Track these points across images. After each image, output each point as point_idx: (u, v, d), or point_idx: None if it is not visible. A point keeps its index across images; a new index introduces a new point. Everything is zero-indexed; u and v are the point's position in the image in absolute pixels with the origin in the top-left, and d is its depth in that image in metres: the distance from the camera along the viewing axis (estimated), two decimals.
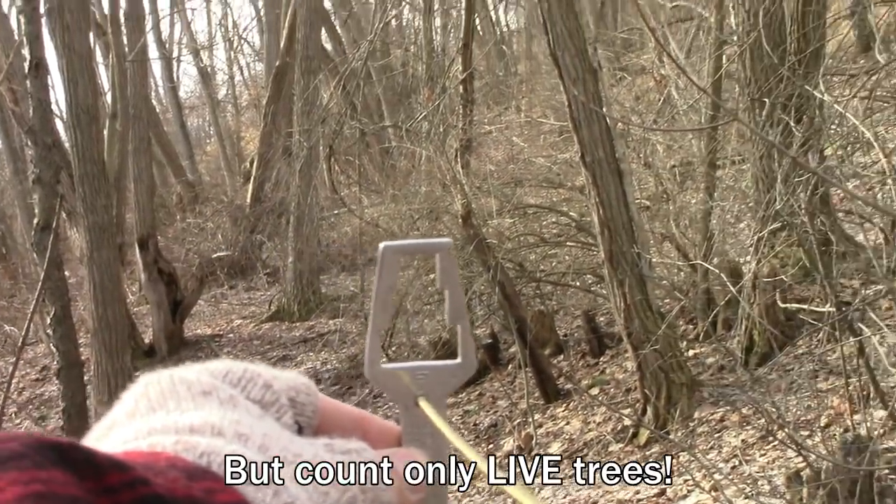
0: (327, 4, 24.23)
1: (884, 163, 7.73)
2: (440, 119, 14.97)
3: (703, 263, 8.88)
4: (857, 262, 8.60)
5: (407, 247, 0.82)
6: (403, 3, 25.94)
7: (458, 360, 0.80)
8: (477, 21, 22.66)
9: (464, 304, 0.82)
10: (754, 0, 9.18)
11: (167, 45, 38.33)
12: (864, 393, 6.20)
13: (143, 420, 0.58)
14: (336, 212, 21.20)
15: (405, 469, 0.64)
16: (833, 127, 8.71)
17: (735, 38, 9.89)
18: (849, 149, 8.98)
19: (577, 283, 12.33)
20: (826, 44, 10.33)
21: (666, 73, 13.25)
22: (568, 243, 12.73)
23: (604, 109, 8.63)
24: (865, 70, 9.48)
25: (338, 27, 27.04)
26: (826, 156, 8.66)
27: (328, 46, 25.05)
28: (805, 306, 8.17)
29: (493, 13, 29.53)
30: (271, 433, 0.59)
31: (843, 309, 6.24)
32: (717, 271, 8.54)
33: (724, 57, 10.40)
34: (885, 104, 9.62)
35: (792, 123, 7.98)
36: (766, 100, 8.50)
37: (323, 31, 22.10)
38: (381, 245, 0.78)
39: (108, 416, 0.60)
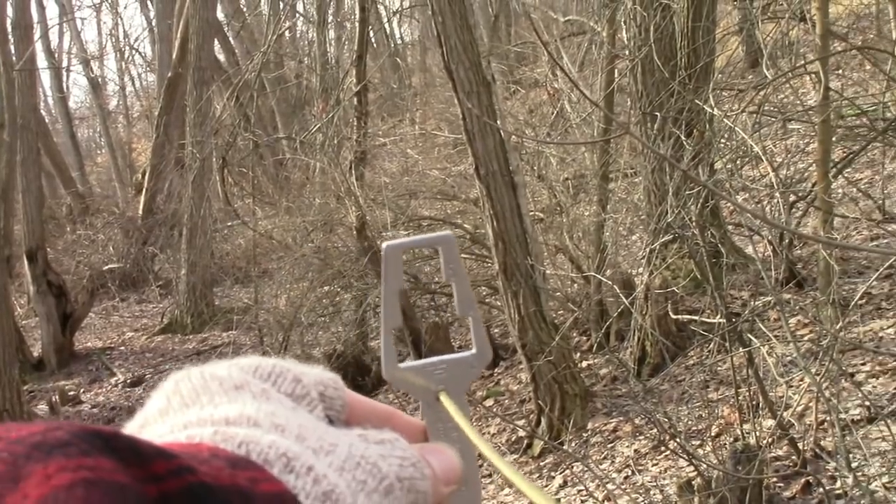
0: (220, 15, 24.02)
1: (772, 176, 7.89)
2: (334, 131, 14.93)
3: (597, 275, 8.96)
4: (747, 273, 8.75)
5: (409, 243, 0.82)
6: (297, 15, 25.88)
7: (473, 350, 0.80)
8: (371, 33, 22.66)
9: (472, 294, 0.82)
10: (645, 15, 9.31)
11: (56, 55, 37.59)
12: (754, 402, 6.30)
13: (176, 416, 0.58)
14: (230, 224, 21.01)
15: (438, 462, 0.65)
16: (723, 141, 8.86)
17: (627, 52, 10.02)
18: (738, 162, 9.13)
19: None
20: (715, 59, 10.52)
21: (559, 87, 13.38)
22: (462, 255, 12.74)
23: (498, 122, 8.66)
24: (754, 85, 9.64)
25: (231, 38, 26.84)
26: (716, 169, 8.80)
27: (221, 57, 24.87)
28: (696, 317, 8.28)
29: (387, 26, 29.60)
30: (307, 424, 0.58)
31: (733, 320, 6.34)
32: (609, 283, 8.63)
33: (616, 71, 10.52)
34: (773, 119, 9.80)
35: (683, 137, 8.10)
36: (658, 114, 8.61)
37: (216, 41, 21.93)
38: (384, 245, 0.78)
39: (140, 415, 0.60)
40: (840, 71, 11.85)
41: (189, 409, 0.59)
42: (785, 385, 6.53)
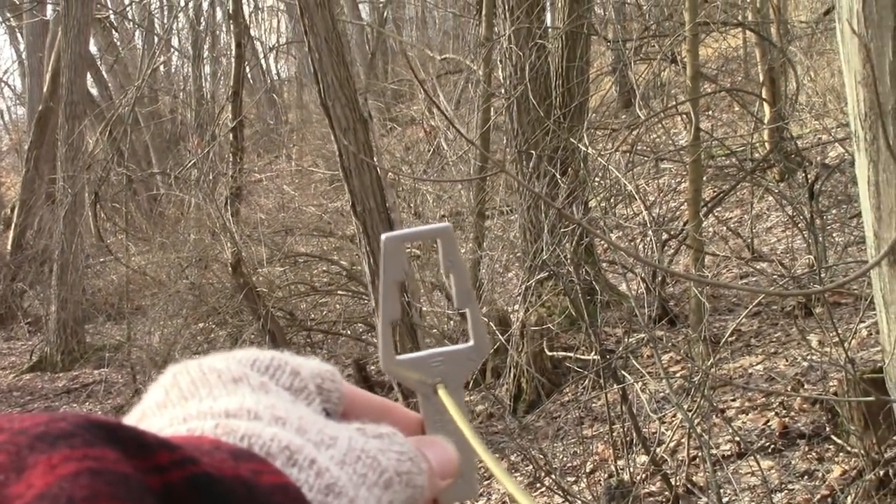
0: (93, 49, 23.60)
1: (645, 215, 8.00)
2: (210, 167, 14.80)
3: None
4: (621, 311, 8.85)
5: (408, 235, 0.81)
6: (172, 50, 25.60)
7: (471, 342, 0.80)
8: (247, 69, 22.51)
9: (471, 287, 0.82)
10: (521, 55, 9.40)
11: None
12: (627, 438, 6.35)
13: (175, 409, 0.58)
14: (102, 260, 20.60)
15: (434, 456, 0.65)
16: (597, 179, 8.97)
17: (503, 91, 10.10)
18: (612, 201, 9.26)
19: (348, 332, 12.30)
20: (589, 99, 10.67)
21: (436, 125, 13.45)
22: (339, 292, 12.70)
23: (374, 159, 8.66)
24: (627, 125, 9.83)
25: (104, 72, 26.40)
26: (590, 207, 8.90)
27: (94, 91, 24.43)
28: (571, 354, 8.34)
29: (263, 62, 29.41)
30: (307, 417, 0.58)
31: (607, 357, 6.39)
32: (485, 320, 8.64)
33: (492, 109, 10.60)
34: (646, 158, 9.97)
35: (558, 175, 8.18)
36: (533, 152, 8.70)
37: (89, 75, 21.53)
38: (384, 236, 0.78)
39: (137, 408, 0.60)
40: (710, 112, 12.13)
41: (188, 401, 0.58)
42: (658, 421, 6.60)
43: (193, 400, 0.58)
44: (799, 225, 8.89)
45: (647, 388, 7.10)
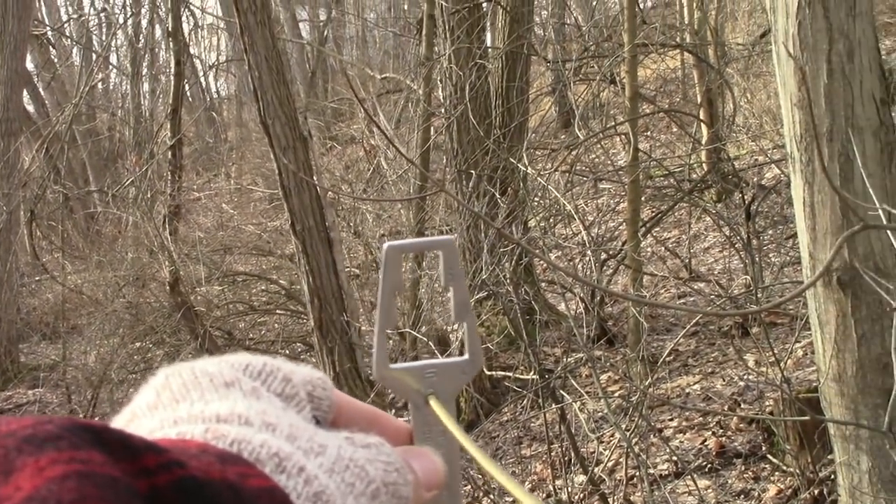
0: (30, 65, 23.34)
1: (584, 234, 8.03)
2: (148, 185, 14.69)
3: (412, 331, 8.95)
4: (560, 330, 8.87)
5: (410, 245, 0.82)
6: (110, 67, 25.38)
7: (466, 356, 0.80)
8: (186, 87, 22.39)
9: (469, 300, 0.82)
10: (461, 74, 9.42)
11: None
12: (566, 458, 6.35)
13: (166, 411, 0.58)
14: (37, 278, 20.33)
15: (421, 467, 0.65)
16: (536, 199, 9.00)
17: (443, 110, 10.11)
18: (551, 220, 9.29)
19: (287, 352, 12.22)
20: (529, 119, 10.71)
21: (375, 144, 13.43)
22: (277, 311, 12.63)
23: (314, 178, 8.62)
24: (566, 145, 9.87)
25: (41, 89, 26.11)
26: (530, 227, 8.92)
27: (30, 108, 24.13)
28: (510, 374, 8.33)
29: (203, 79, 29.28)
30: (297, 424, 0.58)
31: (546, 376, 6.39)
32: (425, 339, 8.62)
33: (432, 129, 10.60)
34: (585, 178, 10.02)
35: (497, 195, 8.19)
36: (473, 171, 8.70)
37: (25, 92, 21.28)
38: (385, 245, 0.78)
39: (128, 409, 0.60)
40: (649, 133, 12.22)
41: (179, 404, 0.58)
42: (596, 441, 6.61)
43: (184, 403, 0.58)
44: (736, 245, 8.97)
45: (585, 408, 7.11)
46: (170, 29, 17.60)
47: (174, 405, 0.58)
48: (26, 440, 0.44)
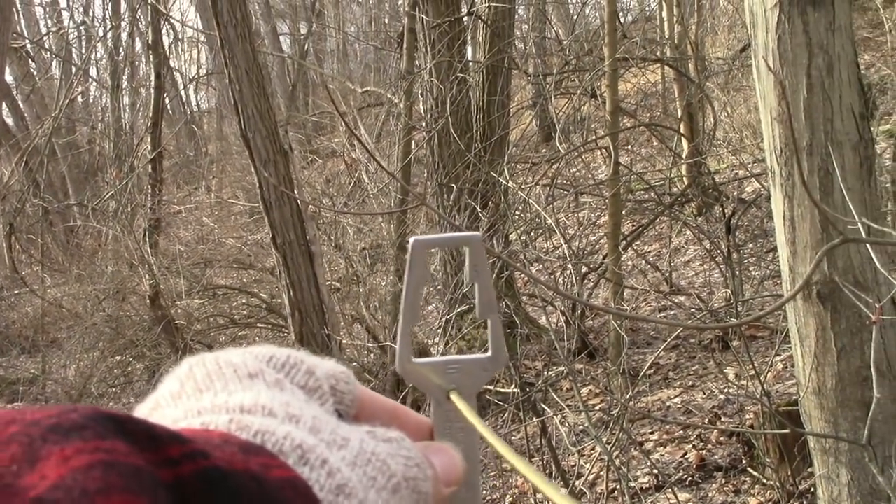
0: (9, 78, 23.28)
1: (564, 248, 8.04)
2: (128, 198, 14.65)
3: (393, 345, 8.94)
4: (540, 344, 8.87)
5: (437, 240, 0.83)
6: (90, 80, 25.32)
7: (489, 353, 0.80)
8: (167, 100, 22.33)
9: (494, 297, 0.82)
10: (442, 88, 9.43)
11: None
12: (547, 471, 6.35)
13: (190, 401, 0.58)
14: (17, 291, 20.24)
15: (441, 462, 0.65)
16: (517, 212, 9.01)
17: (424, 124, 10.12)
18: (532, 234, 9.30)
19: None
20: (510, 132, 10.72)
21: (356, 157, 13.42)
22: (258, 325, 12.60)
23: (295, 191, 8.61)
24: (547, 159, 9.88)
25: (20, 102, 26.03)
26: (511, 240, 8.93)
27: (10, 121, 24.07)
28: (491, 387, 8.33)
29: (183, 93, 29.22)
30: (320, 416, 0.59)
31: (527, 390, 6.40)
32: None
33: (413, 142, 10.61)
34: (566, 192, 10.03)
35: (478, 208, 8.20)
36: (454, 185, 8.71)
37: (4, 105, 21.24)
38: (412, 239, 0.79)
39: (151, 398, 0.60)
40: (629, 146, 12.25)
41: (203, 394, 0.58)
42: (577, 454, 6.61)
43: (208, 393, 0.58)
44: (716, 259, 8.99)
45: (566, 421, 7.11)
46: (150, 42, 17.56)
47: (198, 395, 0.58)
48: (51, 429, 0.45)
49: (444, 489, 0.65)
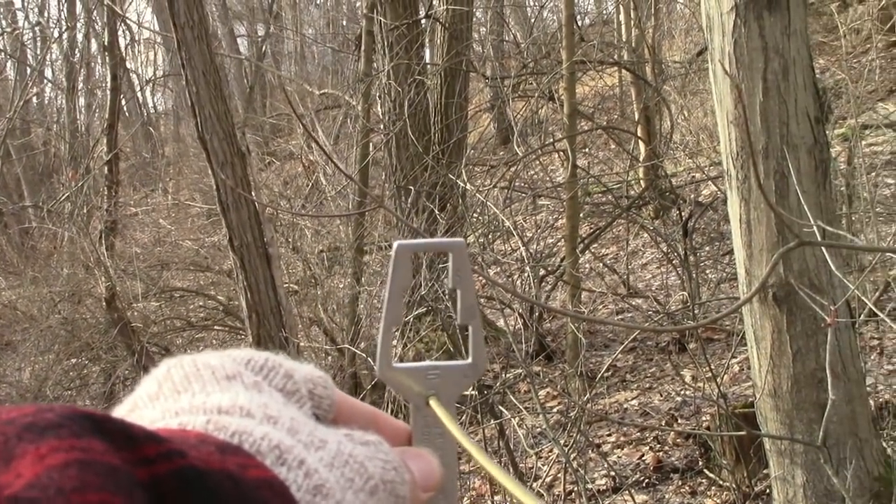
0: None
1: (522, 251, 8.05)
2: (84, 200, 14.54)
3: (351, 347, 8.92)
4: (498, 346, 8.88)
5: (420, 245, 0.82)
6: (45, 81, 25.12)
7: (469, 360, 0.80)
8: (123, 101, 22.18)
9: (476, 303, 0.82)
10: (400, 91, 9.42)
11: None
12: None
13: (167, 402, 0.58)
14: None
15: (418, 468, 0.65)
16: (475, 215, 9.01)
17: (382, 126, 10.10)
18: (490, 236, 9.30)
19: None
20: (468, 135, 10.73)
21: (314, 159, 13.38)
22: (216, 327, 12.54)
23: (252, 193, 8.57)
24: (505, 161, 9.89)
25: None
26: (469, 243, 8.92)
27: None
28: None
29: (139, 94, 29.04)
30: (297, 418, 0.59)
31: (485, 392, 6.40)
32: (364, 355, 8.60)
33: (371, 145, 10.59)
34: (524, 194, 10.05)
35: (436, 211, 8.19)
36: (412, 188, 8.70)
37: None
38: (396, 243, 0.78)
39: (129, 399, 0.60)
40: (587, 149, 12.27)
41: (181, 395, 0.58)
42: (535, 456, 6.62)
43: (186, 394, 0.58)
44: (673, 262, 9.04)
45: (524, 424, 7.13)
46: (106, 43, 17.42)
47: (175, 396, 0.58)
48: (27, 428, 0.45)
49: (422, 494, 0.65)
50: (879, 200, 8.95)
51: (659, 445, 6.82)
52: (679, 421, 7.06)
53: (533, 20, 18.00)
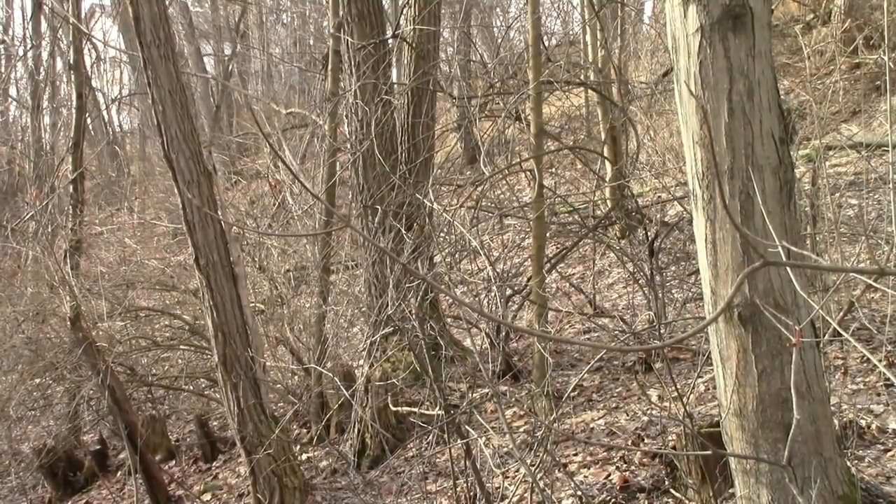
0: None
1: (489, 270, 8.05)
2: (48, 219, 14.44)
3: (317, 367, 8.90)
4: (465, 366, 8.88)
5: None
6: (10, 100, 24.95)
7: None
8: (89, 120, 22.08)
9: None
10: (367, 110, 9.42)
11: None
12: (471, 493, 6.34)
13: None
14: None
15: None
16: (442, 235, 9.01)
17: (349, 146, 10.09)
18: (457, 256, 9.30)
19: (191, 387, 12.08)
20: (435, 155, 10.73)
21: (281, 179, 13.36)
22: (181, 346, 12.46)
23: (218, 213, 8.54)
24: (472, 181, 9.90)
25: None
26: (435, 263, 8.93)
27: None
28: (415, 409, 8.32)
29: (105, 113, 28.90)
30: None
31: (452, 412, 6.39)
32: (330, 375, 8.57)
33: (337, 164, 10.58)
34: (490, 214, 10.06)
35: (403, 230, 8.18)
36: (379, 207, 8.69)
37: None
38: None
39: None
40: (553, 169, 12.33)
41: None
42: (501, 476, 6.61)
43: None
44: (639, 281, 9.06)
45: (490, 443, 7.11)
46: (71, 61, 17.32)
47: None
48: None
49: None
50: (843, 221, 9.02)
51: (625, 465, 6.82)
52: (645, 441, 7.06)
53: (500, 40, 18.06)
